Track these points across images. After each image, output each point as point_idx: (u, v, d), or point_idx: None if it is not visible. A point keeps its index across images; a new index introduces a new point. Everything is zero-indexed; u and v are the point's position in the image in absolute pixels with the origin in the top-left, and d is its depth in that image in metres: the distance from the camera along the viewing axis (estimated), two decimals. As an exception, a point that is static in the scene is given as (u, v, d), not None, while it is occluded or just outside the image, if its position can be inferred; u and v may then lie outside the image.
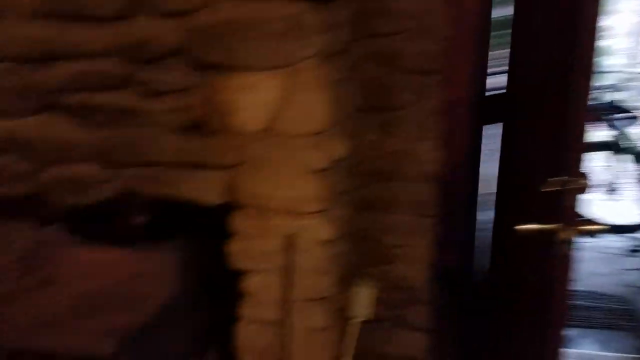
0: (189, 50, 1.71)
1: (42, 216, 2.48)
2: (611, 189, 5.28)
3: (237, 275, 1.93)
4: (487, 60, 2.46)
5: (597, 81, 6.01)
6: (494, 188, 2.55)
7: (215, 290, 2.29)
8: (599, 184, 5.18)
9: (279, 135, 1.73)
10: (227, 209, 1.86)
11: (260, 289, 1.93)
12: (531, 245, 1.98)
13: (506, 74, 2.41)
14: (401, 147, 2.40)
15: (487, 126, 2.61)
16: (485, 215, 2.67)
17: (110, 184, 1.88)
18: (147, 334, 1.87)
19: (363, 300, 2.13)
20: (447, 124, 2.32)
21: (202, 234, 2.22)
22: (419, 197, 2.44)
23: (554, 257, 1.82)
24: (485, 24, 2.33)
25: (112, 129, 1.84)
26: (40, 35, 1.77)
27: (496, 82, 2.68)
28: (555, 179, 1.77)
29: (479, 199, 2.65)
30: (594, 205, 4.72)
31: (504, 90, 2.45)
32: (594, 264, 4.27)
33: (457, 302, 2.50)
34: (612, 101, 5.32)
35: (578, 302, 3.74)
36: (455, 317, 2.54)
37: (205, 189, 1.81)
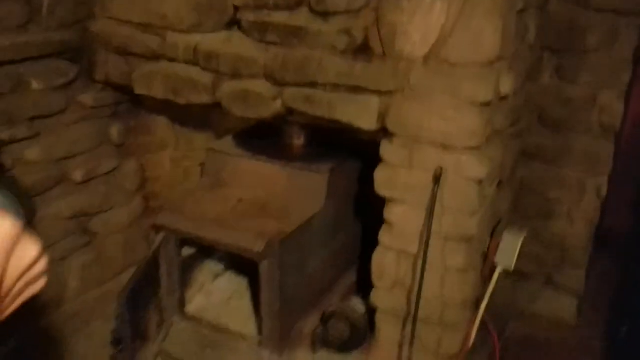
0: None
1: (218, 128, 2.74)
2: None
3: (382, 202, 1.95)
4: None
5: None
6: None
7: (359, 214, 2.34)
8: None
9: (443, 62, 1.66)
10: (380, 135, 1.86)
11: (403, 220, 1.92)
12: None
13: None
14: (580, 95, 2.17)
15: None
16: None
17: (277, 100, 1.98)
18: (293, 241, 1.99)
19: (509, 250, 2.01)
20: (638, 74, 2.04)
21: (353, 159, 2.27)
22: (592, 152, 2.21)
23: None
24: None
25: (283, 48, 1.91)
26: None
27: None
28: None
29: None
30: None
31: None
32: None
33: (620, 268, 2.25)
34: None
35: None
36: (615, 284, 2.30)
37: (361, 114, 1.81)
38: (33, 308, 2.24)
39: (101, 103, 2.39)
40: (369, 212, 2.21)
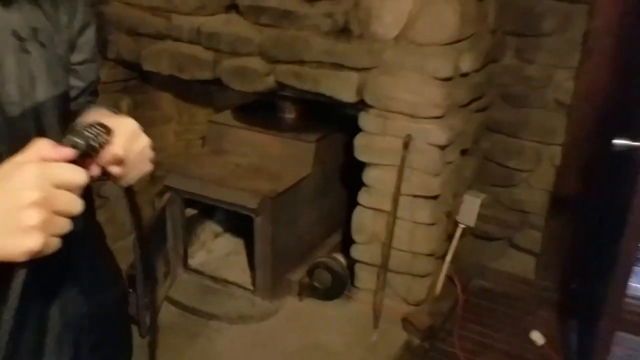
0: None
1: (217, 103, 2.99)
2: None
3: (361, 168, 2.21)
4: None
5: None
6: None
7: (345, 181, 2.61)
8: None
9: (411, 42, 1.92)
10: (358, 107, 2.12)
11: (378, 182, 2.19)
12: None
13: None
14: (537, 74, 2.42)
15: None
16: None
17: (269, 76, 2.24)
18: (284, 200, 2.25)
19: (470, 210, 2.29)
20: (589, 55, 2.29)
21: (339, 132, 2.53)
22: (548, 125, 2.47)
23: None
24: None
25: (275, 29, 2.16)
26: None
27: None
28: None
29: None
30: None
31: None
32: None
33: (573, 229, 2.52)
34: None
35: None
36: (570, 243, 2.57)
37: (342, 88, 2.07)
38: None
39: (113, 79, 2.64)
40: (353, 180, 2.48)
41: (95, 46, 0.98)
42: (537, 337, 2.27)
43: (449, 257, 2.39)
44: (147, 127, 2.72)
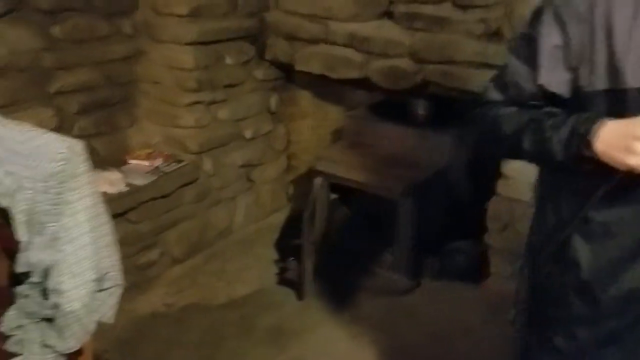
0: (500, -27, 2.14)
1: (348, 103, 3.25)
2: None
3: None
4: None
5: None
6: None
7: (474, 171, 2.77)
8: None
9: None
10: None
11: (519, 172, 2.35)
12: None
13: None
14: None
15: None
16: None
17: (417, 75, 2.46)
18: (423, 187, 2.46)
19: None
20: None
21: (462, 125, 2.70)
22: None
23: None
24: None
25: (427, 33, 2.39)
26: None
27: None
28: None
29: None
30: None
31: None
32: None
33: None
34: None
35: None
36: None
37: (490, 85, 2.26)
38: (208, 234, 2.83)
39: (267, 78, 2.95)
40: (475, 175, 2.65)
41: None
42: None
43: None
44: (288, 121, 3.04)
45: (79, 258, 1.42)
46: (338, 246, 2.74)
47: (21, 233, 1.52)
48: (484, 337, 2.25)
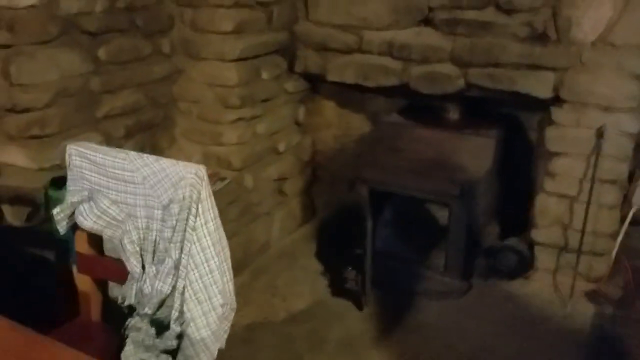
0: (544, -21, 2.20)
1: (370, 111, 3.25)
2: None
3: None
4: None
5: None
6: None
7: (515, 169, 2.83)
8: None
9: (608, 45, 2.16)
10: (547, 103, 2.36)
11: (566, 169, 2.41)
12: None
13: None
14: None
15: None
16: None
17: (460, 79, 2.49)
18: (476, 188, 2.49)
19: (645, 192, 2.49)
20: None
21: (501, 129, 2.77)
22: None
23: None
24: None
25: (469, 38, 2.42)
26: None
27: None
28: None
29: None
30: None
31: None
32: None
33: None
34: None
35: None
36: None
37: (538, 86, 2.32)
38: (250, 250, 2.78)
39: (296, 90, 2.93)
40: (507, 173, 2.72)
41: None
42: None
43: (620, 237, 2.59)
44: (313, 132, 3.03)
45: (205, 284, 1.38)
46: (384, 252, 2.74)
47: (133, 264, 1.46)
48: (548, 329, 2.29)
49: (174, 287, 1.40)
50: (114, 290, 1.63)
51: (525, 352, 2.17)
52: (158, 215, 1.40)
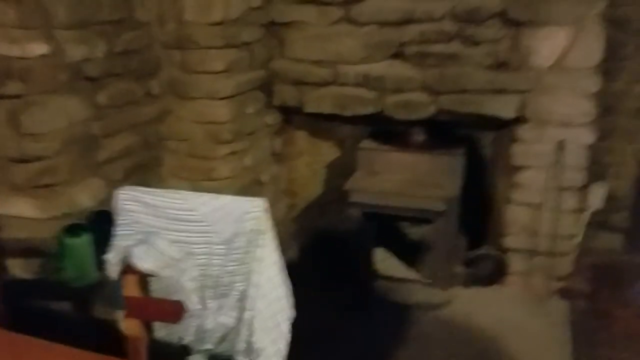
0: (505, 13, 2.47)
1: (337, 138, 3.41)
2: None
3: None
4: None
5: None
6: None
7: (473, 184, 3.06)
8: None
9: (564, 69, 2.46)
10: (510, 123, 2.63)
11: (530, 181, 2.69)
12: None
13: None
14: (621, 88, 3.03)
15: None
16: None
17: (431, 106, 2.71)
18: (456, 203, 2.70)
19: (598, 195, 2.82)
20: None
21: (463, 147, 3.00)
22: (632, 128, 3.07)
23: None
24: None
25: (438, 68, 2.66)
26: (402, 7, 2.61)
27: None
28: None
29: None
30: None
31: None
32: None
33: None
34: None
35: None
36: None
37: (503, 108, 2.58)
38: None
39: (273, 122, 3.03)
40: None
41: None
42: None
43: (579, 238, 2.89)
44: (288, 160, 3.15)
45: (273, 312, 1.44)
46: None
47: (194, 301, 1.50)
48: (535, 327, 2.52)
49: (239, 320, 1.45)
50: (160, 331, 1.64)
51: (523, 351, 2.36)
52: (220, 251, 1.45)
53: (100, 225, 2.01)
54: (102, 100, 2.16)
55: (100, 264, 1.92)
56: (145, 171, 2.52)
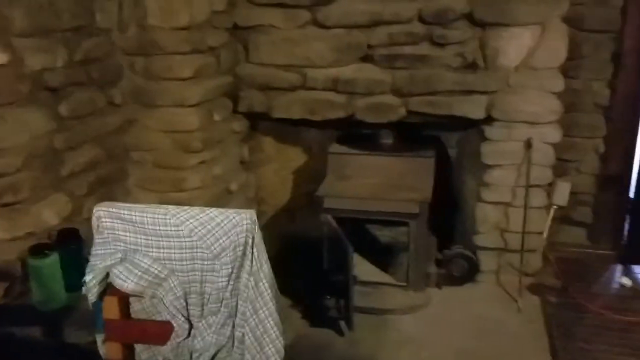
0: (472, 14, 2.50)
1: (304, 143, 3.37)
2: None
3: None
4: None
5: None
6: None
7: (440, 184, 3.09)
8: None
9: (530, 69, 2.51)
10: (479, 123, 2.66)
11: (499, 179, 2.73)
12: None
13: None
14: (581, 86, 3.12)
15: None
16: None
17: (401, 108, 2.71)
18: (429, 205, 2.71)
19: (562, 192, 2.89)
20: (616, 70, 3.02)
21: (432, 149, 3.03)
22: (591, 123, 3.17)
23: None
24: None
25: (408, 70, 2.66)
26: (369, 9, 2.60)
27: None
28: None
29: None
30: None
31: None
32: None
33: (617, 203, 3.21)
34: None
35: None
36: (614, 215, 3.25)
37: (473, 108, 2.61)
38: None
39: (240, 129, 2.96)
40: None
41: None
42: (625, 280, 2.89)
43: (545, 234, 2.96)
44: (256, 168, 3.10)
45: (266, 328, 1.40)
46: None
47: (180, 320, 1.42)
48: (512, 324, 2.55)
49: (230, 337, 1.39)
50: (143, 353, 1.55)
51: (504, 347, 2.38)
52: (208, 267, 1.38)
53: (66, 244, 1.90)
54: (64, 111, 2.04)
55: (69, 286, 1.82)
56: (111, 184, 2.40)
